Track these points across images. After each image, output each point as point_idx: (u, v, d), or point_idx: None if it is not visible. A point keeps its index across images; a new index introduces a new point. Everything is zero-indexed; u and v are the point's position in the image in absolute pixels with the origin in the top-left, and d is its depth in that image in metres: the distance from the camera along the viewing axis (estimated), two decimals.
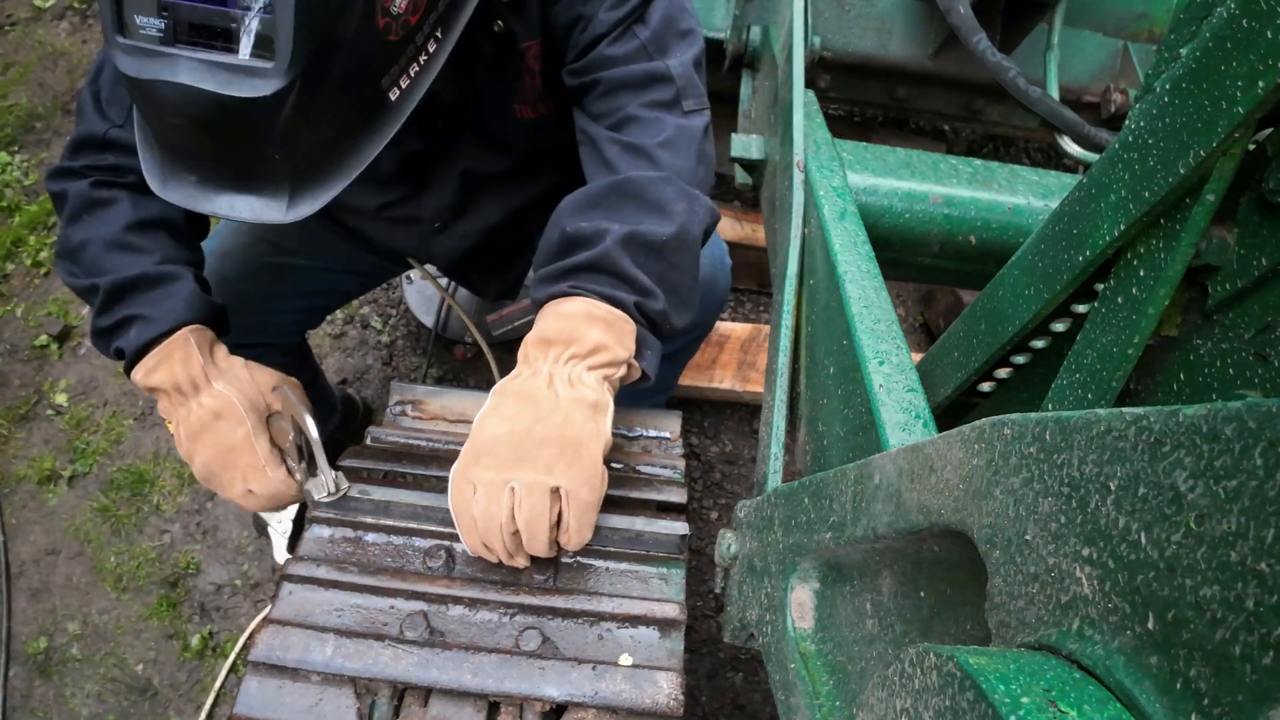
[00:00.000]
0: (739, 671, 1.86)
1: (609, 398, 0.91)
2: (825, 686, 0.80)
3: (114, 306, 1.02)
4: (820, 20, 1.86)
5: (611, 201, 0.97)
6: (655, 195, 0.97)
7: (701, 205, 1.00)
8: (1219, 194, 0.67)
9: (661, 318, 0.96)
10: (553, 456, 0.84)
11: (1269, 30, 0.56)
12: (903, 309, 2.47)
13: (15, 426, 2.07)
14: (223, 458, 0.99)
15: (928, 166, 1.36)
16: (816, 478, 0.79)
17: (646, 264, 0.94)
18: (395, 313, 2.30)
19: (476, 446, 0.87)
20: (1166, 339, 0.79)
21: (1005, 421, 0.45)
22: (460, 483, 0.87)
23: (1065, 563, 0.40)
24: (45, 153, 2.53)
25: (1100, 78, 1.96)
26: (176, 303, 1.02)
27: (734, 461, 2.15)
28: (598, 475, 0.87)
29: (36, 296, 2.28)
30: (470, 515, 0.86)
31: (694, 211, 0.98)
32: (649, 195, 0.97)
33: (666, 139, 1.02)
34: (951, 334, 1.09)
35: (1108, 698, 0.35)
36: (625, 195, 0.97)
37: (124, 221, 1.06)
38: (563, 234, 0.96)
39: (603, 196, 0.98)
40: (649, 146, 1.01)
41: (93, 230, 1.05)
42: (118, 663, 1.80)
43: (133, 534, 1.94)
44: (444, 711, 0.82)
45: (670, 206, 0.96)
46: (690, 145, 1.04)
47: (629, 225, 0.94)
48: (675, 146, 1.02)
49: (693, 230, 0.98)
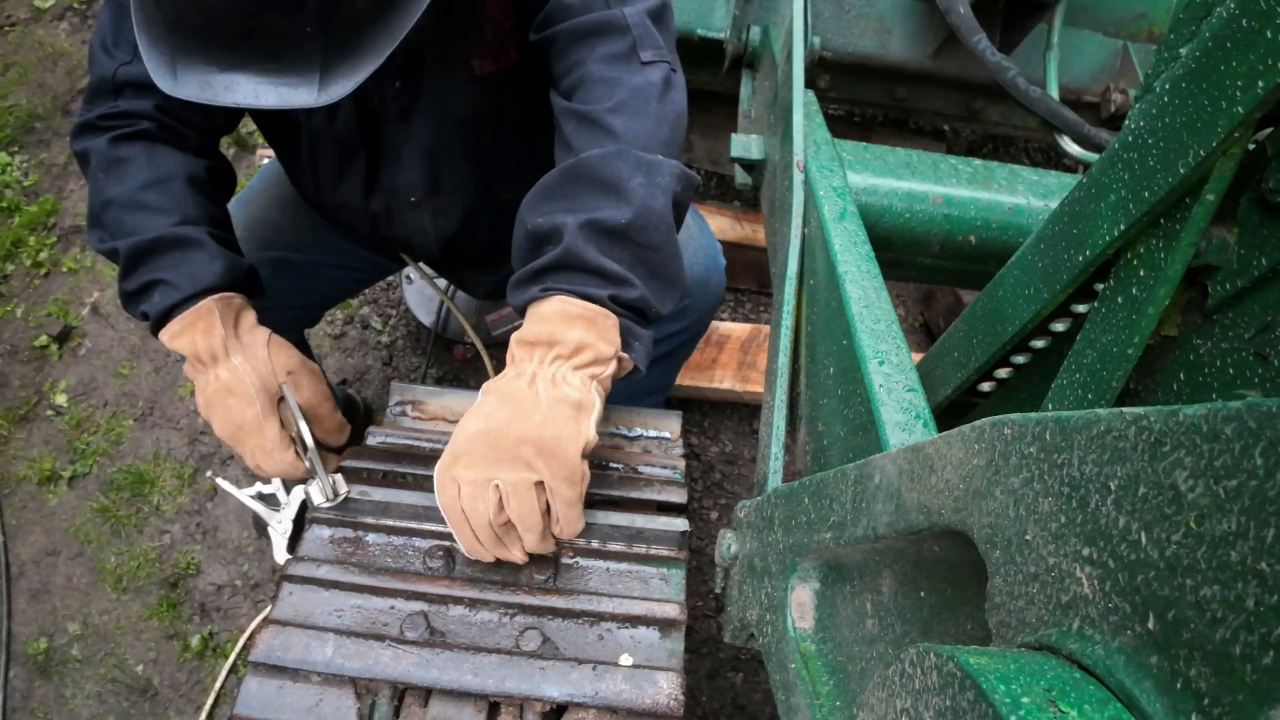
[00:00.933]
0: (739, 671, 1.86)
1: (595, 397, 0.89)
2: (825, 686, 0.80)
3: (135, 270, 1.03)
4: (820, 20, 1.85)
5: (566, 189, 0.94)
6: (608, 174, 0.92)
7: (664, 173, 0.94)
8: (1219, 194, 0.67)
9: (643, 304, 0.92)
10: (531, 455, 0.84)
11: (1269, 30, 0.56)
12: (903, 309, 2.47)
13: (15, 427, 2.07)
14: (233, 433, 1.01)
15: (928, 166, 1.36)
16: (816, 478, 0.79)
17: (613, 250, 0.90)
18: (395, 313, 2.30)
19: (455, 444, 0.87)
20: (1166, 339, 0.79)
21: (1005, 421, 0.45)
22: (444, 480, 0.87)
23: (1065, 563, 0.40)
24: (45, 153, 2.53)
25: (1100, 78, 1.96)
26: (196, 268, 1.02)
27: (734, 461, 2.15)
28: (577, 473, 0.87)
29: (36, 297, 2.28)
30: (459, 511, 0.86)
31: (654, 183, 0.92)
32: (602, 175, 0.92)
33: (620, 101, 0.96)
34: (951, 334, 1.09)
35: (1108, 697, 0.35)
36: (578, 180, 0.93)
37: (141, 180, 1.05)
38: (527, 232, 0.94)
39: (557, 185, 0.95)
40: (601, 114, 0.95)
41: (112, 190, 1.05)
42: (118, 663, 1.80)
43: (133, 534, 1.94)
44: (444, 711, 0.82)
45: (625, 185, 0.91)
46: (647, 104, 0.97)
47: (585, 214, 0.90)
48: (630, 109, 0.96)
49: (654, 205, 0.92)
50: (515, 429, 0.85)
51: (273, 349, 1.04)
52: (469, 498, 0.85)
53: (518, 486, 0.84)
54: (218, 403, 1.01)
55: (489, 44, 1.10)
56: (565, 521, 0.88)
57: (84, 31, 2.77)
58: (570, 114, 0.98)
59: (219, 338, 1.00)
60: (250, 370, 1.01)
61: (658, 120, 0.97)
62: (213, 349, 1.01)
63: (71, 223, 2.40)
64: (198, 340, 1.00)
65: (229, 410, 1.01)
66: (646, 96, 0.97)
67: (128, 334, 2.22)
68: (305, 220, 1.43)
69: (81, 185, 2.47)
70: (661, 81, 1.00)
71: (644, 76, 0.99)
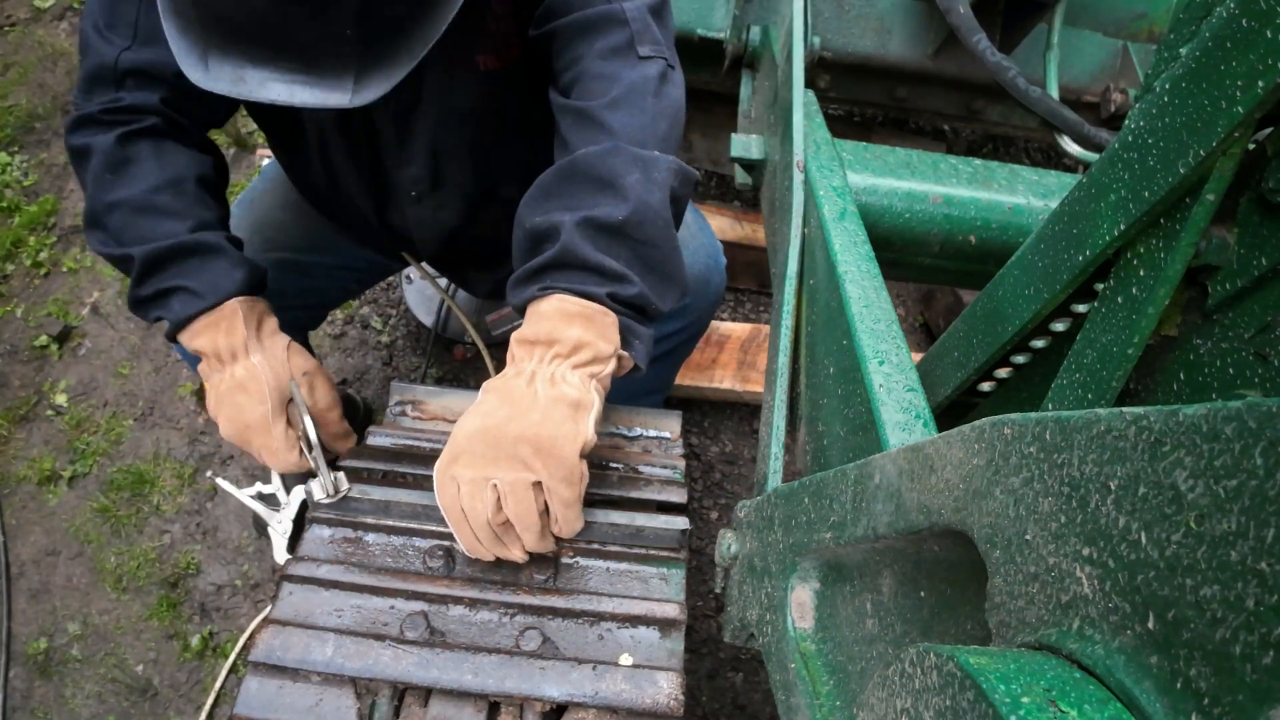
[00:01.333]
0: (739, 671, 1.86)
1: (594, 396, 0.89)
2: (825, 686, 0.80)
3: (151, 277, 1.02)
4: (820, 20, 1.85)
5: (563, 187, 0.93)
6: (604, 171, 0.91)
7: (661, 168, 0.93)
8: (1219, 194, 0.67)
9: (642, 300, 0.92)
10: (529, 454, 0.84)
11: (1269, 30, 0.56)
12: (903, 309, 2.47)
13: (15, 427, 2.07)
14: (239, 431, 1.02)
15: (928, 166, 1.36)
16: (816, 478, 0.79)
17: (611, 247, 0.90)
18: (395, 313, 2.30)
19: (454, 443, 0.87)
20: (1166, 339, 0.79)
21: (1005, 421, 0.45)
22: (443, 480, 0.87)
23: (1065, 562, 0.40)
24: (45, 153, 2.53)
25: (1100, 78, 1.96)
26: (218, 275, 1.02)
27: (734, 461, 2.15)
28: (575, 472, 0.86)
29: (36, 296, 2.28)
30: (458, 510, 0.86)
31: (651, 179, 0.92)
32: (598, 172, 0.91)
33: (615, 97, 0.95)
34: (951, 334, 1.08)
35: (1108, 697, 0.35)
36: (574, 178, 0.93)
37: (152, 182, 1.03)
38: (525, 231, 0.94)
39: (554, 184, 0.94)
40: (597, 110, 0.95)
41: (119, 193, 1.02)
42: (118, 663, 1.80)
43: (133, 534, 1.94)
44: (444, 711, 0.82)
45: (621, 181, 0.90)
46: (643, 99, 0.96)
47: (581, 211, 0.90)
48: (626, 104, 0.95)
49: (651, 200, 0.91)
50: (513, 428, 0.85)
51: (291, 353, 1.06)
52: (468, 497, 0.85)
53: (515, 486, 0.84)
54: (228, 400, 1.02)
55: (494, 39, 1.10)
56: (563, 521, 0.88)
57: None
58: (567, 111, 0.98)
59: (241, 337, 1.01)
60: (267, 369, 1.02)
61: (654, 115, 0.97)
62: (233, 347, 1.01)
63: (71, 223, 2.40)
64: (220, 339, 1.01)
65: (239, 408, 1.01)
66: (643, 92, 0.97)
67: (128, 334, 2.22)
68: (310, 222, 1.43)
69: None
70: (658, 76, 0.99)
71: (640, 71, 0.98)
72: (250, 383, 1.01)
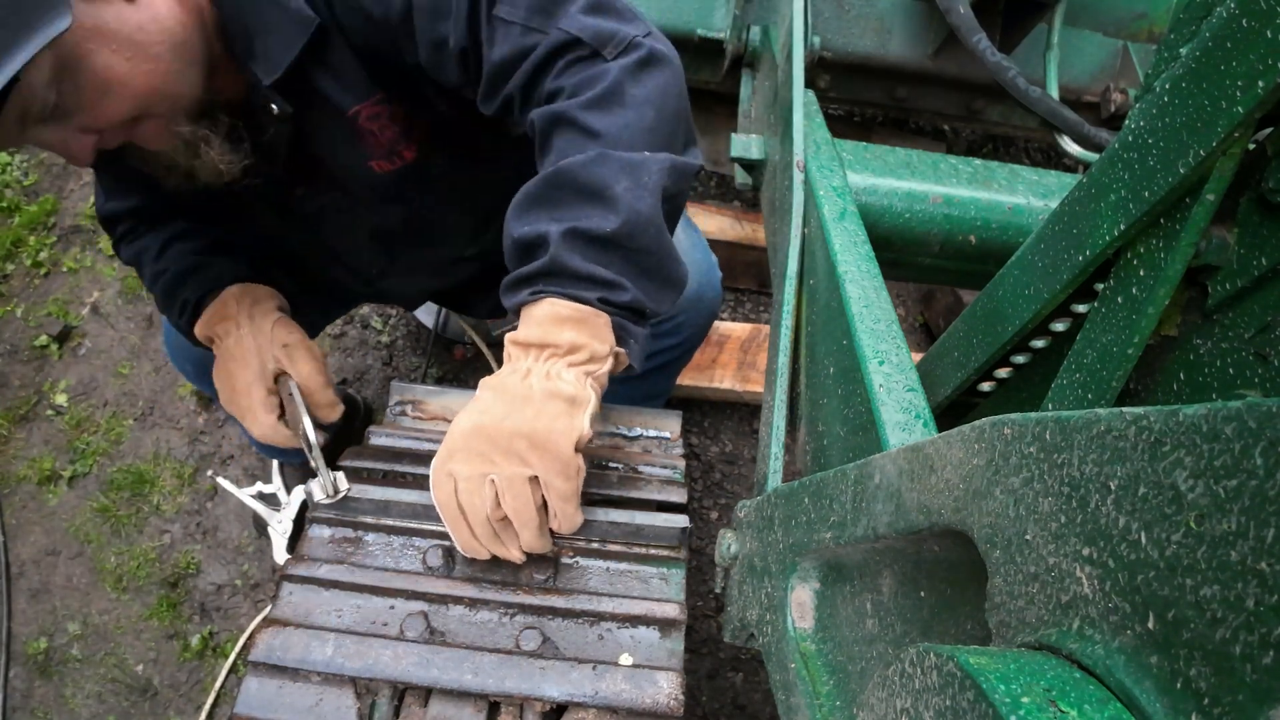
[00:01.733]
0: (739, 671, 1.86)
1: (590, 393, 0.88)
2: (825, 686, 0.80)
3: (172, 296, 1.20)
4: (820, 20, 1.86)
5: (549, 195, 0.89)
6: (591, 181, 0.86)
7: (651, 171, 0.88)
8: (1219, 194, 0.67)
9: (636, 304, 0.90)
10: (525, 449, 0.84)
11: (1269, 30, 0.56)
12: (903, 309, 2.47)
13: (15, 427, 2.07)
14: (229, 397, 1.13)
15: (928, 166, 1.36)
16: (816, 478, 0.79)
17: (600, 257, 0.87)
18: (395, 313, 2.30)
19: (450, 440, 0.87)
20: (1166, 339, 0.79)
21: (1005, 421, 0.45)
22: (439, 476, 0.87)
23: (1065, 562, 0.40)
24: (44, 153, 2.53)
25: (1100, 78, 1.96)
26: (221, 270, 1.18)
27: (734, 461, 2.15)
28: (571, 467, 0.86)
29: (36, 296, 2.28)
30: (454, 508, 0.86)
31: (641, 184, 0.87)
32: (583, 182, 0.87)
33: (594, 97, 0.89)
34: (951, 334, 1.08)
35: (1108, 697, 0.35)
36: (561, 187, 0.88)
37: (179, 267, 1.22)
38: (513, 240, 0.91)
39: (540, 191, 0.90)
40: (575, 112, 0.89)
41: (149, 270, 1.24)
42: (118, 663, 1.80)
43: (133, 534, 1.94)
44: (444, 711, 0.82)
45: (610, 191, 0.86)
46: (623, 93, 0.89)
47: (569, 222, 0.86)
48: (606, 102, 0.89)
49: (642, 208, 0.86)
50: (509, 424, 0.84)
51: (276, 325, 1.14)
52: (465, 493, 0.85)
53: (512, 481, 0.84)
54: (222, 369, 1.13)
55: (379, 149, 1.10)
56: (562, 516, 0.87)
57: None
58: (546, 117, 0.93)
59: (232, 314, 1.13)
60: (251, 339, 1.11)
61: (639, 107, 0.90)
62: (227, 324, 1.13)
63: (71, 223, 2.40)
64: (215, 323, 1.14)
65: (229, 375, 1.12)
66: (620, 85, 0.90)
67: (128, 334, 2.23)
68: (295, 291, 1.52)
69: (82, 185, 2.47)
70: (635, 64, 0.92)
71: (616, 64, 0.91)
72: (237, 351, 1.11)
